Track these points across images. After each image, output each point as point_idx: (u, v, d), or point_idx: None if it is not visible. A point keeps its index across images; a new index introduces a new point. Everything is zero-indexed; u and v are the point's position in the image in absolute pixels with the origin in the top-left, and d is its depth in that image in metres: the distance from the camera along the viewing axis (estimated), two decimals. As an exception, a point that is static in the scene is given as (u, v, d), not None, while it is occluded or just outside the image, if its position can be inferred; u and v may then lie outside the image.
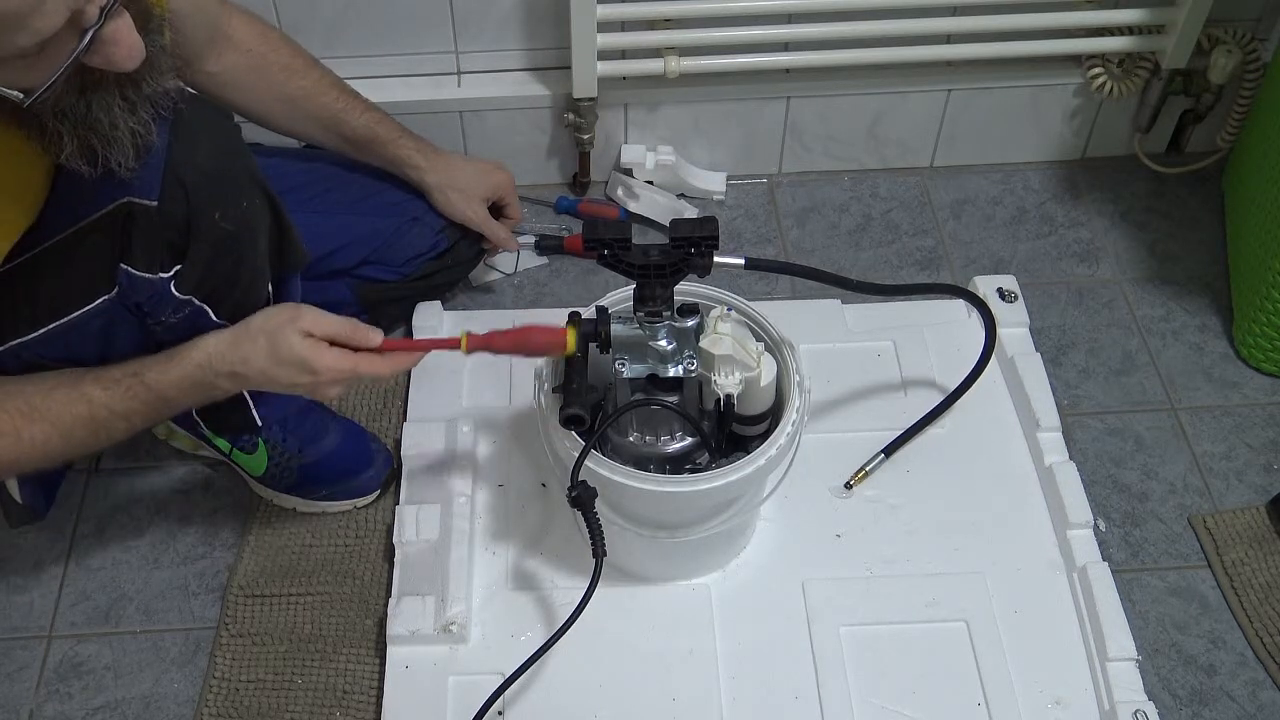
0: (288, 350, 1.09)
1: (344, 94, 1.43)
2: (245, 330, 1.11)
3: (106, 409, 1.10)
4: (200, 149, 1.08)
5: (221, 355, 1.11)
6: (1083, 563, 1.31)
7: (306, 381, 1.11)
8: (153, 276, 1.09)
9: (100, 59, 0.88)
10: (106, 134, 0.95)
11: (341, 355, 1.12)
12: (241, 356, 1.10)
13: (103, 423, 1.10)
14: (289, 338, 1.09)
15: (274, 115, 1.41)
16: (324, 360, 1.10)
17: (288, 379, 1.11)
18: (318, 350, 1.10)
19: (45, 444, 1.09)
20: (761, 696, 1.24)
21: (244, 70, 1.35)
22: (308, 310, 1.12)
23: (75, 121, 0.93)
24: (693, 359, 1.17)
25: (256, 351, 1.10)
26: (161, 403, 1.12)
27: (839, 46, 1.62)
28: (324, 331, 1.11)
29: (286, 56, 1.39)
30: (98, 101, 0.93)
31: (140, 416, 1.12)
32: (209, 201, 1.09)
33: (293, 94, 1.39)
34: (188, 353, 1.11)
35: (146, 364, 1.11)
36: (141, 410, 1.12)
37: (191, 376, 1.11)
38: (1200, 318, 1.62)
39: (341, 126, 1.43)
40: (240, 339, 1.11)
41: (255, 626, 1.30)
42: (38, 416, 1.08)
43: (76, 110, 0.93)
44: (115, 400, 1.10)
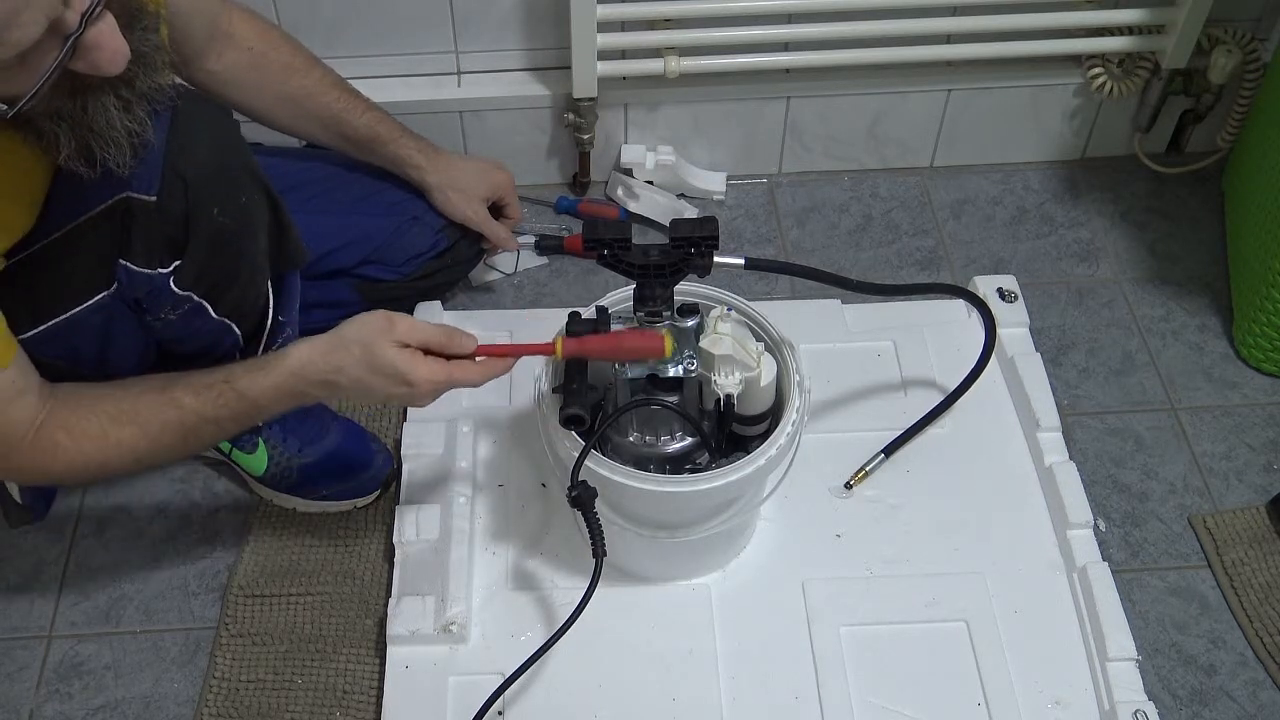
0: (384, 361, 1.07)
1: (345, 93, 1.43)
2: (339, 339, 1.09)
3: (196, 414, 1.10)
4: (199, 145, 1.08)
5: (314, 364, 1.09)
6: (1083, 563, 1.31)
7: (402, 392, 1.09)
8: (151, 272, 1.09)
9: (85, 64, 0.88)
10: (104, 134, 0.95)
11: (437, 365, 1.09)
12: (335, 365, 1.08)
13: (192, 428, 1.10)
14: (384, 348, 1.07)
15: (275, 113, 1.41)
16: (419, 371, 1.08)
17: (384, 389, 1.09)
18: (414, 361, 1.08)
19: (134, 448, 1.09)
20: (761, 696, 1.24)
21: (245, 68, 1.35)
22: (401, 319, 1.09)
23: (71, 124, 0.93)
24: (693, 359, 1.17)
25: (351, 361, 1.08)
26: (253, 409, 1.12)
27: (839, 46, 1.62)
28: (419, 340, 1.09)
29: (287, 55, 1.39)
30: (93, 103, 0.93)
31: (230, 422, 1.12)
32: (208, 197, 1.09)
33: (293, 92, 1.39)
34: (280, 361, 1.10)
35: (237, 371, 1.11)
36: (231, 417, 1.11)
37: (284, 385, 1.10)
38: (1200, 318, 1.62)
39: (342, 125, 1.43)
40: (334, 348, 1.09)
41: (255, 626, 1.30)
42: (126, 420, 1.09)
43: (72, 113, 0.93)
44: (205, 406, 1.10)
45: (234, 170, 1.13)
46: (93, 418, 1.08)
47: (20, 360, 1.05)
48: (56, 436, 1.07)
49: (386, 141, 1.46)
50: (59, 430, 1.07)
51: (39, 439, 1.06)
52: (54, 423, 1.07)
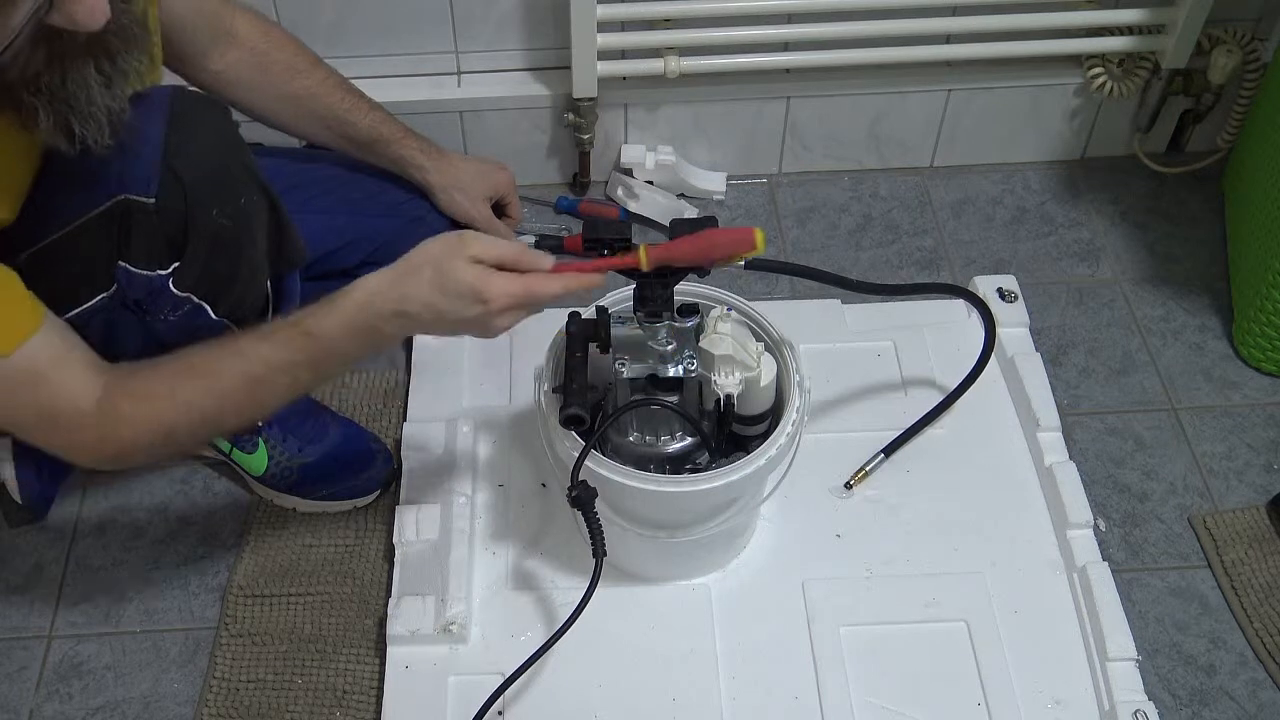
0: (455, 280, 1.00)
1: (348, 93, 1.43)
2: (407, 264, 1.03)
3: (264, 363, 1.04)
4: (198, 145, 1.08)
5: (383, 294, 1.02)
6: (1083, 563, 1.31)
7: (476, 313, 1.02)
8: (151, 273, 1.09)
9: (63, 18, 0.86)
10: (83, 110, 0.94)
11: (513, 278, 1.02)
12: (404, 293, 1.02)
13: (261, 379, 1.05)
14: (456, 267, 1.00)
15: (277, 114, 1.41)
16: (495, 286, 1.01)
17: (457, 312, 1.02)
18: (487, 277, 1.01)
19: (202, 406, 1.04)
20: (761, 696, 1.24)
21: (247, 68, 1.35)
22: (473, 236, 1.03)
23: (50, 96, 0.92)
24: (693, 359, 1.17)
25: (421, 285, 1.01)
26: (324, 353, 1.04)
27: (839, 46, 1.62)
28: (493, 257, 1.02)
29: (290, 55, 1.39)
30: (72, 75, 0.92)
31: (304, 369, 1.05)
32: (207, 198, 1.09)
33: (296, 93, 1.39)
34: (348, 294, 1.03)
35: (306, 312, 1.05)
36: (304, 362, 1.04)
37: (354, 320, 1.03)
38: (1200, 318, 1.62)
39: (345, 126, 1.43)
40: (403, 275, 1.03)
41: (255, 626, 1.30)
42: (192, 375, 1.04)
43: (51, 84, 0.92)
44: (274, 352, 1.04)
45: (233, 171, 1.13)
46: (156, 378, 1.04)
47: (53, 326, 1.02)
48: (121, 405, 1.03)
49: (389, 142, 1.46)
50: (123, 398, 1.03)
51: (103, 410, 1.02)
52: (116, 390, 1.03)
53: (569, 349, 1.17)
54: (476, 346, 1.53)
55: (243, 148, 1.15)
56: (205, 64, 1.32)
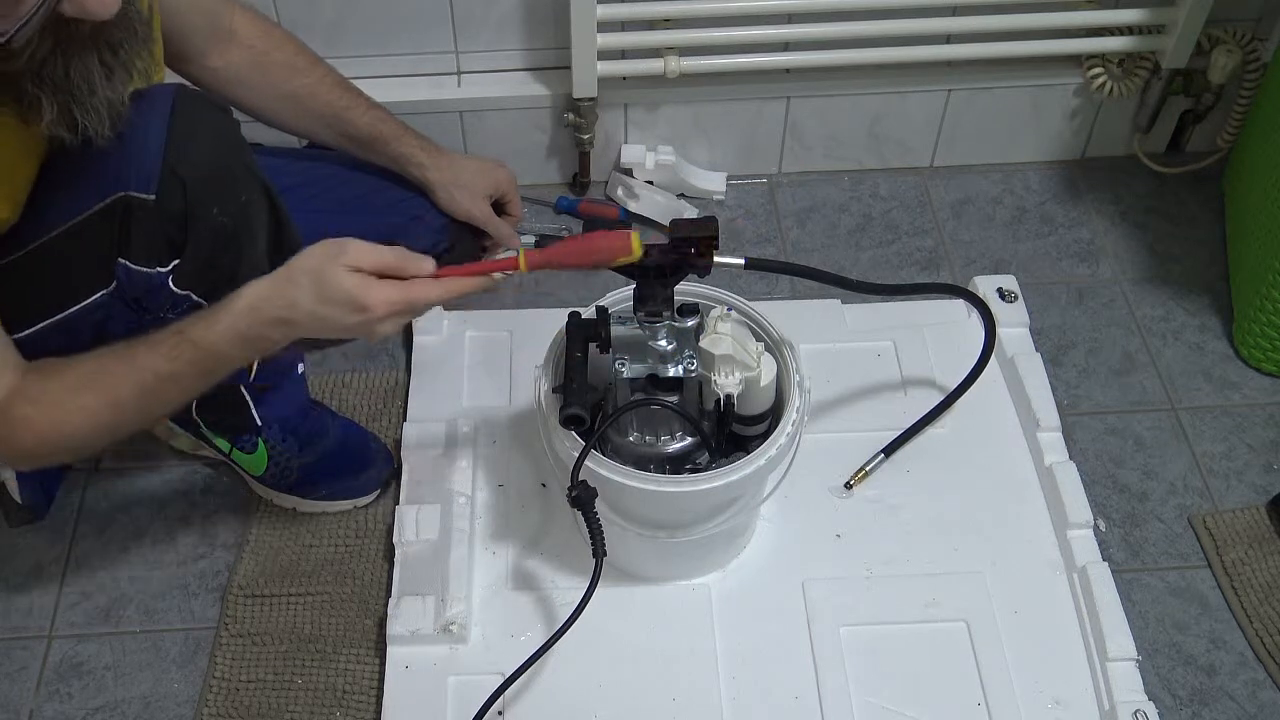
0: (335, 288, 1.00)
1: (347, 91, 1.43)
2: (288, 273, 1.03)
3: (153, 373, 1.04)
4: (198, 143, 1.08)
5: (267, 300, 1.03)
6: (1083, 563, 1.31)
7: (357, 320, 1.02)
8: (150, 271, 1.09)
9: (74, 7, 0.87)
10: (85, 101, 0.95)
11: (392, 286, 1.02)
12: (288, 301, 1.02)
13: (150, 388, 1.05)
14: (335, 275, 1.00)
15: (277, 112, 1.41)
16: (374, 294, 1.01)
17: (338, 319, 1.02)
18: (366, 285, 1.01)
19: (95, 413, 1.05)
20: (761, 696, 1.24)
21: (247, 66, 1.35)
22: (352, 244, 1.02)
23: (54, 87, 0.93)
24: (693, 359, 1.17)
25: (302, 294, 1.01)
26: (210, 359, 1.05)
27: (839, 46, 1.62)
28: (371, 264, 1.02)
29: (290, 53, 1.39)
30: (76, 66, 0.93)
31: (190, 378, 1.06)
32: (207, 196, 1.09)
33: (296, 91, 1.39)
34: (231, 304, 1.04)
35: (190, 321, 1.05)
36: (190, 371, 1.05)
37: (236, 328, 1.03)
38: (1200, 318, 1.62)
39: (344, 124, 1.43)
40: (283, 283, 1.03)
41: (255, 626, 1.30)
42: (85, 385, 1.04)
43: (55, 76, 0.93)
44: (161, 362, 1.04)
45: (233, 169, 1.13)
46: (54, 386, 1.04)
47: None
48: (23, 410, 1.03)
49: (389, 140, 1.46)
50: (24, 403, 1.03)
51: (6, 413, 1.03)
52: (20, 396, 1.03)
53: (569, 349, 1.17)
54: (477, 346, 1.53)
55: (244, 147, 1.16)
56: (205, 62, 1.32)
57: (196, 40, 1.29)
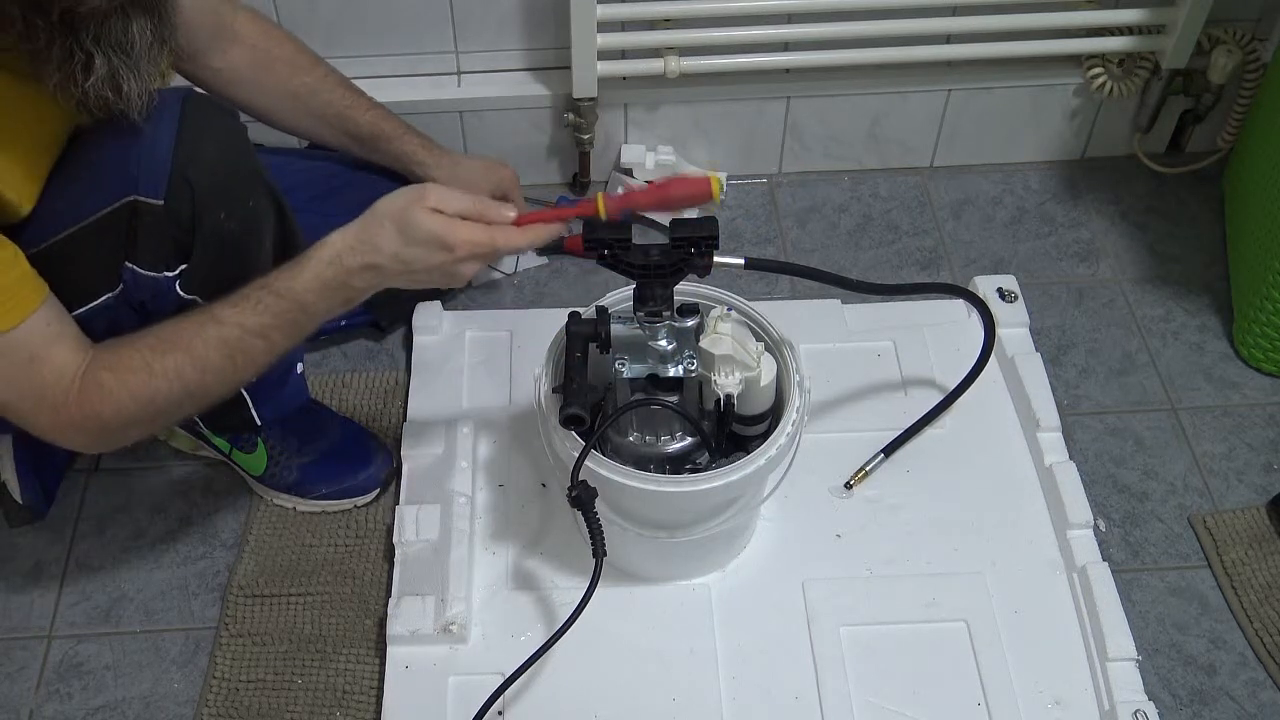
0: (419, 228, 1.02)
1: (348, 91, 1.44)
2: (371, 217, 1.04)
3: (239, 326, 1.04)
4: (207, 148, 1.09)
5: (351, 248, 1.04)
6: (1083, 563, 1.31)
7: (442, 260, 1.04)
8: (157, 275, 1.09)
9: None
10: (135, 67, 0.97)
11: (476, 228, 1.04)
12: (372, 245, 1.03)
13: (237, 344, 1.05)
14: (418, 215, 1.02)
15: (278, 112, 1.41)
16: (459, 233, 1.03)
17: (423, 261, 1.04)
18: (450, 225, 1.03)
19: (180, 374, 1.04)
20: (761, 696, 1.24)
21: (249, 66, 1.35)
22: (433, 188, 1.05)
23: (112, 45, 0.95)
24: (693, 359, 1.17)
25: (385, 236, 1.03)
26: (297, 311, 1.05)
27: (839, 46, 1.62)
28: (454, 208, 1.04)
29: (291, 53, 1.39)
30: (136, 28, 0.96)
31: (278, 331, 1.06)
32: (215, 201, 1.09)
33: (297, 90, 1.40)
34: (316, 253, 1.05)
35: (275, 274, 1.06)
36: (277, 324, 1.05)
37: (322, 276, 1.04)
38: (1200, 318, 1.62)
39: (346, 123, 1.44)
40: (367, 227, 1.04)
41: (255, 626, 1.30)
42: (168, 346, 1.04)
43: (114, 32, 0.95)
44: (246, 315, 1.04)
45: (241, 174, 1.13)
46: (134, 352, 1.04)
47: (53, 304, 1.03)
48: (101, 377, 1.03)
49: (390, 139, 1.46)
50: (103, 371, 1.03)
51: (84, 385, 1.03)
52: (97, 364, 1.03)
53: (569, 349, 1.17)
54: (477, 346, 1.53)
55: (251, 152, 1.16)
56: (207, 61, 1.32)
57: (199, 40, 1.29)
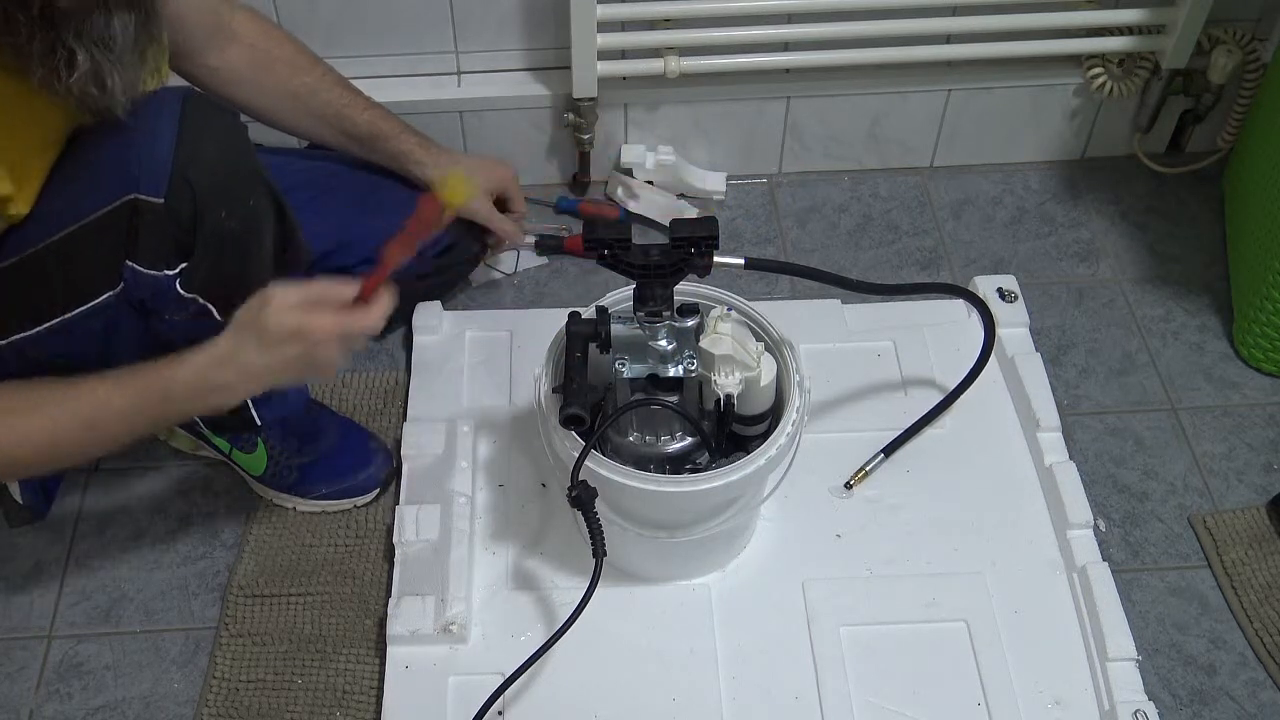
0: (271, 328, 1.05)
1: (346, 90, 1.43)
2: (234, 327, 1.07)
3: (105, 406, 1.06)
4: (207, 147, 1.09)
5: (219, 361, 1.07)
6: (1083, 563, 1.31)
7: (299, 351, 1.06)
8: (158, 274, 1.09)
9: None
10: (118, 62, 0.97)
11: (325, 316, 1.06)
12: (236, 357, 1.06)
13: (96, 420, 1.07)
14: (269, 315, 1.04)
15: (276, 111, 1.41)
16: (309, 323, 1.05)
17: (282, 358, 1.06)
18: (299, 317, 1.05)
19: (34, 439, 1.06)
20: (761, 696, 1.24)
21: (246, 65, 1.35)
22: (274, 288, 1.07)
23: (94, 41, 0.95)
24: (693, 359, 1.17)
25: (247, 342, 1.06)
26: (165, 405, 1.09)
27: (839, 46, 1.62)
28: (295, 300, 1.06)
29: (289, 52, 1.39)
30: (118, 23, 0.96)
31: (141, 418, 1.09)
32: (215, 200, 1.09)
33: (296, 89, 1.39)
34: (192, 355, 1.08)
35: (156, 365, 1.08)
36: (141, 412, 1.08)
37: (193, 383, 1.07)
38: (1200, 318, 1.62)
39: (344, 122, 1.43)
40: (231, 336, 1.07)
41: (255, 626, 1.30)
42: (29, 409, 1.05)
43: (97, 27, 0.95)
44: (115, 397, 1.06)
45: (241, 174, 1.13)
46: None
47: None
48: None
49: (388, 137, 1.46)
50: None
51: None
52: None
53: (569, 349, 1.17)
54: (477, 346, 1.53)
55: (252, 152, 1.16)
56: (204, 60, 1.32)
57: (196, 39, 1.29)
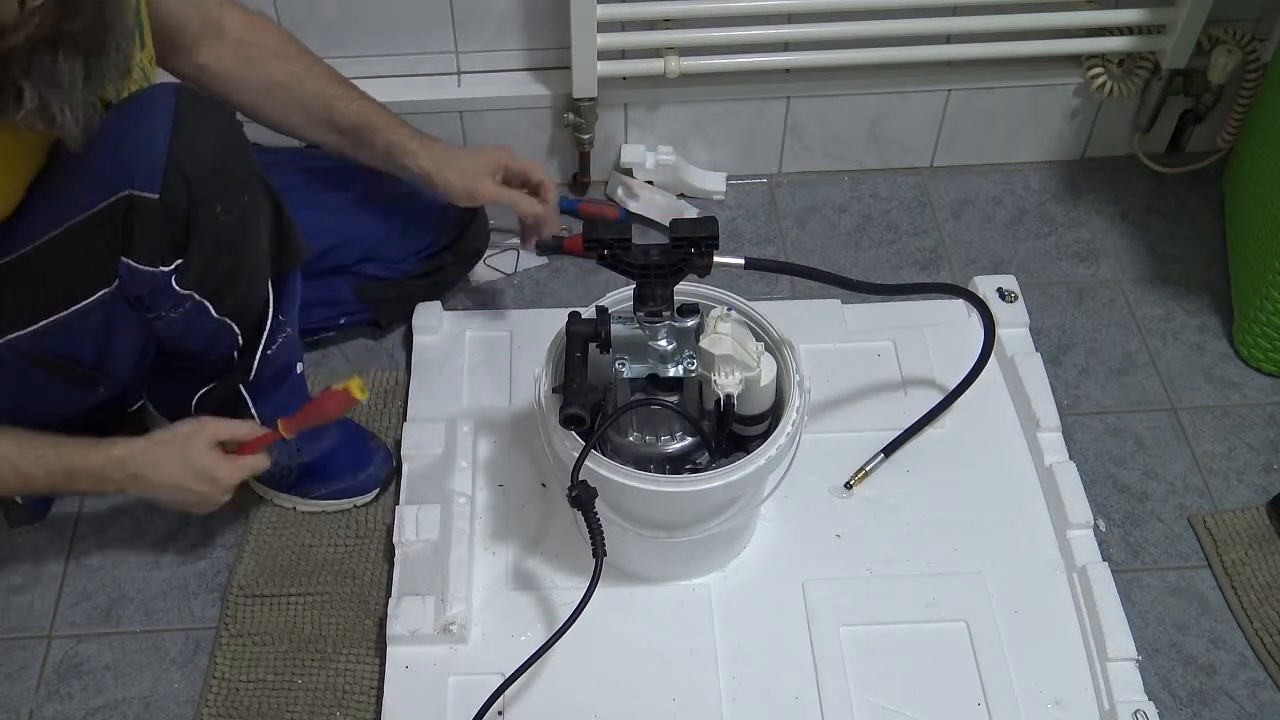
0: (196, 460, 1.17)
1: (335, 81, 1.39)
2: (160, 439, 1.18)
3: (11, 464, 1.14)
4: (202, 142, 1.08)
5: (134, 456, 1.17)
6: (1083, 563, 1.31)
7: (206, 490, 1.20)
8: (154, 270, 1.09)
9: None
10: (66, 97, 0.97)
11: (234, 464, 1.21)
12: (152, 460, 1.17)
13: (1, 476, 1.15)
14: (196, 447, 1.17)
15: (263, 105, 1.37)
16: (224, 470, 1.19)
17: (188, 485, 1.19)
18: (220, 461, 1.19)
19: None
20: (761, 696, 1.24)
21: (234, 60, 1.34)
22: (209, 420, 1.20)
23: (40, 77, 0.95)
24: (693, 359, 1.17)
25: (168, 459, 1.17)
26: (66, 481, 1.17)
27: (839, 46, 1.62)
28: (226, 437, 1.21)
29: (275, 42, 1.37)
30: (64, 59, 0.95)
31: (40, 484, 1.18)
32: (210, 195, 1.09)
33: (281, 80, 1.36)
34: (109, 445, 1.17)
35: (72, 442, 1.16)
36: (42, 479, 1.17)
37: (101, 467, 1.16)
38: (1200, 318, 1.62)
39: (332, 114, 1.38)
40: (154, 444, 1.18)
41: (255, 626, 1.30)
42: None
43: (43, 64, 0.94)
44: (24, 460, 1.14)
45: (236, 168, 1.13)
46: None
47: None
48: None
49: (377, 130, 1.39)
50: None
51: None
52: None
53: (569, 349, 1.17)
54: (477, 346, 1.53)
55: (246, 146, 1.15)
56: (192, 58, 1.31)
57: (185, 35, 1.29)
